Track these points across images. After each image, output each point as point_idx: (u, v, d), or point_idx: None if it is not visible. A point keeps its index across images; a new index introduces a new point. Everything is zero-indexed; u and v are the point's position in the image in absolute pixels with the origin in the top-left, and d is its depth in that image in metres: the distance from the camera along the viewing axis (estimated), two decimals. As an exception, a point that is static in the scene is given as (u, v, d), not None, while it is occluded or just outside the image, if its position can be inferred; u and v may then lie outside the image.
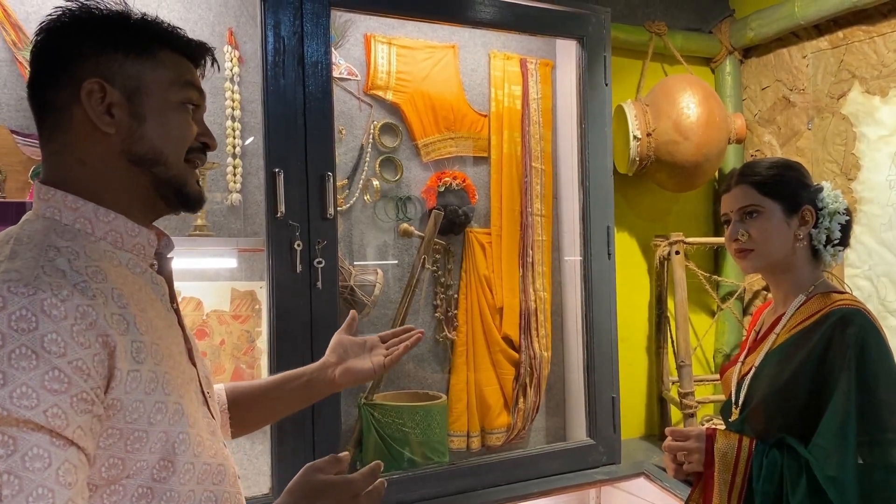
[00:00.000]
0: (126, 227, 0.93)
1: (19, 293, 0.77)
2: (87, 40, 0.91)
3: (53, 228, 0.88)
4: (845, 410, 1.30)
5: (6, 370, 0.73)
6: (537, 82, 2.52)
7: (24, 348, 0.74)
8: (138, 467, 0.86)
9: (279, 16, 1.87)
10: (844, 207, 1.48)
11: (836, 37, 2.54)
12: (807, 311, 1.42)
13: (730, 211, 1.51)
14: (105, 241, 0.92)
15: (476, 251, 2.43)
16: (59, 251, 0.85)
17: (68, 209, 0.90)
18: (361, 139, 2.31)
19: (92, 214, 0.91)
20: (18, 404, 0.73)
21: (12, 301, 0.76)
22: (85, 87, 0.89)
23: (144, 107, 0.93)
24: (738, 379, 1.51)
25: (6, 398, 0.72)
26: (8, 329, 0.74)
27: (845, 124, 2.51)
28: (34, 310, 0.76)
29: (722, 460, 1.40)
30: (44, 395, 0.74)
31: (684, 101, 2.51)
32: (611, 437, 2.35)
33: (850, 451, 1.28)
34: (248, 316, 2.11)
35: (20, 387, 0.73)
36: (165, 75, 0.95)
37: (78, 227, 0.90)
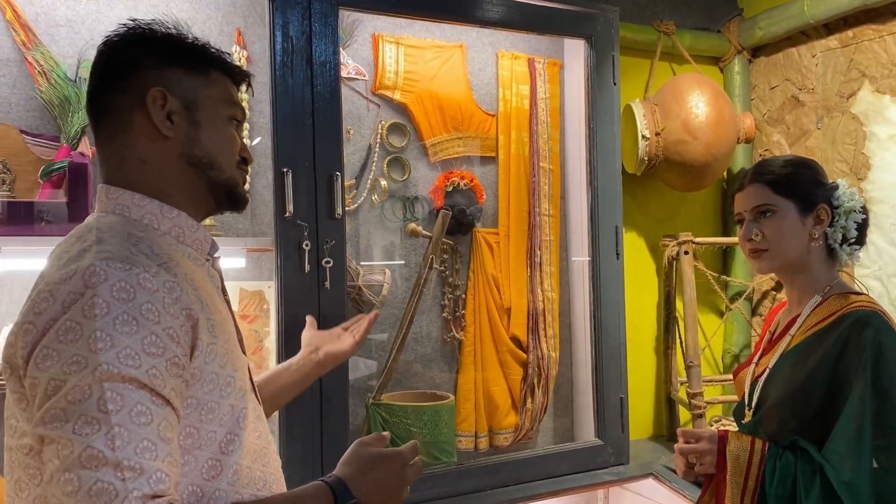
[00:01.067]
0: (188, 224, 1.03)
1: (117, 268, 0.86)
2: (152, 53, 1.02)
3: (126, 222, 0.97)
4: (861, 414, 1.28)
5: (112, 334, 0.82)
6: (545, 82, 2.51)
7: (127, 315, 0.83)
8: (209, 438, 0.93)
9: (287, 16, 1.87)
10: (861, 205, 1.45)
11: (846, 35, 2.52)
12: (823, 312, 1.41)
13: (743, 210, 1.49)
14: (169, 235, 1.01)
15: (484, 251, 2.43)
16: (139, 239, 0.94)
17: (136, 206, 0.99)
18: (369, 139, 2.30)
19: (157, 211, 1.00)
20: (125, 363, 0.81)
21: (112, 274, 0.85)
22: (150, 94, 0.99)
23: (199, 117, 1.03)
24: (751, 380, 1.49)
25: (114, 358, 0.81)
26: (111, 298, 0.83)
27: (855, 123, 2.50)
28: (132, 282, 0.85)
29: (734, 463, 1.38)
30: (144, 357, 0.83)
31: (693, 100, 2.50)
32: (619, 438, 2.34)
33: (866, 456, 1.26)
34: (257, 316, 2.10)
35: (125, 349, 0.82)
36: (217, 92, 1.05)
37: (146, 222, 0.99)
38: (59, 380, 0.80)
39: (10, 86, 1.83)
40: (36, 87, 1.82)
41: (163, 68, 1.01)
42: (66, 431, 0.78)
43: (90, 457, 0.77)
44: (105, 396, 0.79)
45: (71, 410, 0.79)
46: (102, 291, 0.83)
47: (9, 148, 1.76)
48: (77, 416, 0.79)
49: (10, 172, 1.75)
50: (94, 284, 0.83)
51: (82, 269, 0.85)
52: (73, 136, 1.80)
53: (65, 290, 0.84)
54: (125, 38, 1.02)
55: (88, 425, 0.78)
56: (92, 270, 0.84)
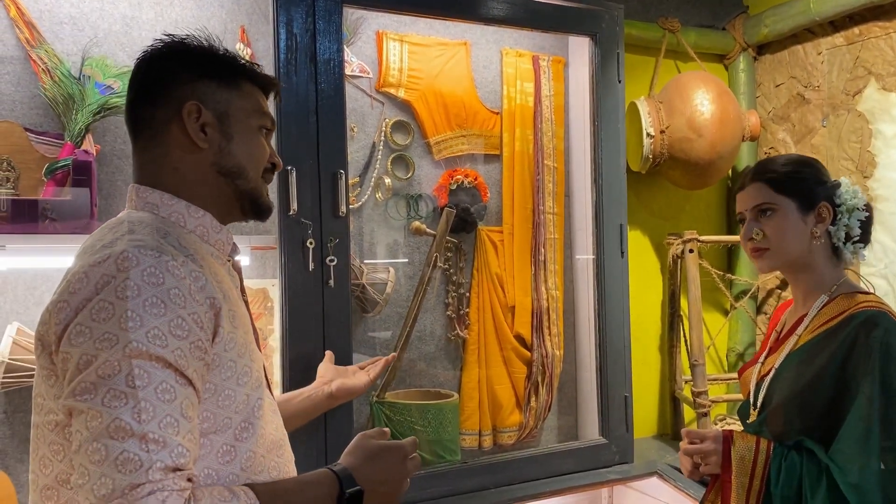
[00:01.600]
0: (212, 224, 1.09)
1: (148, 254, 0.92)
2: (186, 68, 1.08)
3: (156, 218, 1.04)
4: (868, 415, 1.27)
5: (142, 314, 0.87)
6: (550, 79, 2.51)
7: (155, 298, 0.89)
8: (224, 424, 0.97)
9: (291, 13, 1.87)
10: (864, 203, 1.45)
11: (852, 33, 2.51)
12: (830, 312, 1.40)
13: (744, 210, 1.49)
14: (195, 233, 1.07)
15: (488, 249, 2.42)
16: (167, 233, 1.00)
17: (164, 205, 1.06)
18: (373, 137, 2.30)
19: (184, 210, 1.07)
20: (153, 342, 0.87)
21: (143, 260, 0.91)
22: (186, 107, 1.06)
23: (232, 128, 1.09)
24: (757, 379, 1.48)
25: (143, 337, 0.87)
26: (142, 282, 0.89)
27: (861, 121, 2.49)
28: (161, 268, 0.91)
29: (739, 463, 1.37)
30: (171, 338, 0.89)
31: (698, 98, 2.49)
32: (623, 437, 2.34)
33: (873, 457, 1.26)
34: (261, 314, 2.10)
35: (153, 329, 0.87)
36: (248, 104, 1.11)
37: (173, 220, 1.05)
38: (91, 355, 0.86)
39: (13, 83, 1.83)
40: (40, 85, 1.82)
41: (197, 82, 1.07)
42: (95, 403, 0.84)
43: (118, 428, 0.82)
44: (133, 372, 0.84)
45: (101, 384, 0.84)
46: (134, 275, 0.89)
47: (13, 146, 1.75)
48: (106, 389, 0.84)
49: (15, 170, 1.75)
50: (126, 268, 0.89)
51: (116, 253, 0.91)
52: (77, 133, 1.80)
53: (98, 273, 0.90)
54: (162, 52, 1.09)
55: (117, 399, 0.83)
56: (125, 255, 0.90)
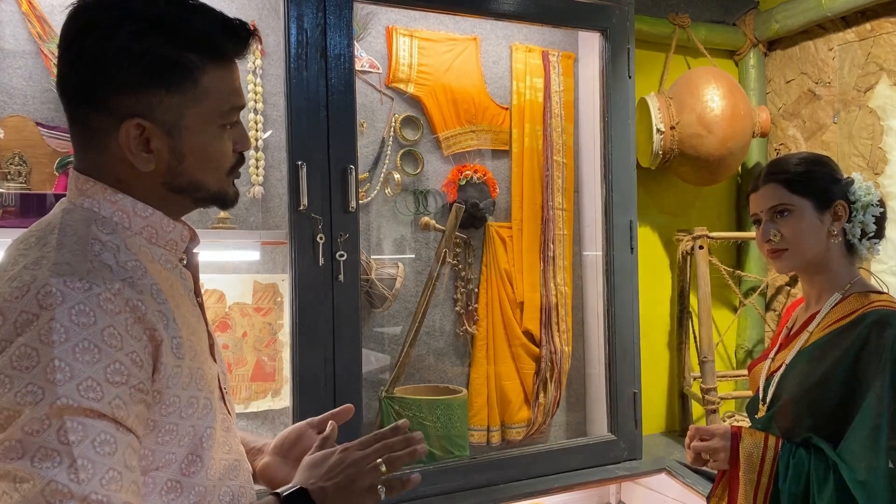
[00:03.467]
0: (162, 223, 0.94)
1: (75, 288, 0.78)
2: (128, 70, 0.86)
3: (94, 220, 0.89)
4: (878, 414, 1.27)
5: (71, 363, 0.76)
6: (559, 75, 2.50)
7: (87, 342, 0.77)
8: (167, 460, 0.87)
9: (302, 8, 1.87)
10: (878, 199, 1.44)
11: (864, 29, 2.49)
12: (842, 310, 1.39)
13: (759, 211, 1.48)
14: (140, 235, 0.92)
15: (497, 245, 2.42)
16: (103, 245, 0.86)
17: (107, 202, 0.90)
18: (383, 132, 2.30)
19: (130, 209, 0.91)
20: (86, 396, 0.76)
21: (70, 296, 0.78)
22: (124, 128, 0.87)
23: (184, 144, 0.91)
24: (766, 375, 1.48)
25: (74, 391, 0.75)
26: (69, 323, 0.77)
27: (872, 118, 2.47)
28: (91, 305, 0.78)
29: (748, 460, 1.37)
30: (107, 387, 0.77)
31: (708, 93, 2.48)
32: (632, 433, 2.34)
33: (882, 456, 1.25)
34: (271, 308, 2.11)
35: (86, 380, 0.76)
36: (208, 105, 0.91)
37: (116, 221, 0.90)
38: (13, 410, 0.74)
39: (25, 78, 1.84)
40: (51, 79, 1.82)
41: (140, 92, 0.87)
42: (24, 465, 0.72)
43: (54, 491, 0.71)
44: (66, 427, 0.73)
45: (28, 443, 0.72)
46: (60, 315, 0.76)
47: (24, 140, 1.76)
48: (36, 448, 0.72)
49: (26, 164, 1.76)
50: (50, 306, 0.76)
51: (37, 286, 0.78)
52: (89, 128, 1.80)
53: (17, 309, 0.77)
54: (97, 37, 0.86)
55: (49, 458, 0.72)
56: (47, 290, 0.77)
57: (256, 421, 2.12)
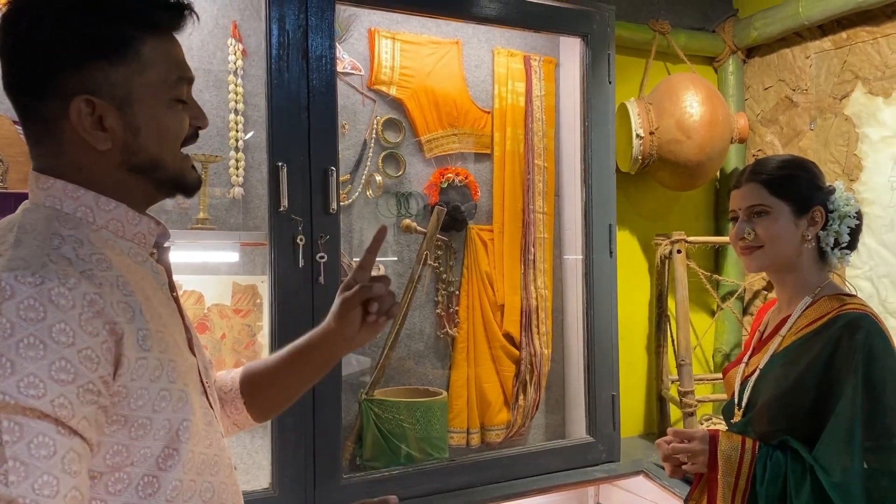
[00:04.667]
0: (127, 216, 0.93)
1: (26, 282, 0.76)
2: (66, 49, 0.86)
3: (56, 217, 0.87)
4: (852, 416, 1.29)
5: (14, 359, 0.73)
6: (541, 79, 2.52)
7: (32, 338, 0.74)
8: (142, 455, 0.86)
9: (284, 9, 1.87)
10: (856, 211, 1.46)
11: (840, 37, 2.54)
12: (814, 313, 1.42)
13: (738, 208, 1.49)
14: (106, 229, 0.91)
15: (478, 248, 2.43)
16: (63, 239, 0.84)
17: (69, 198, 0.89)
18: (364, 134, 2.30)
19: (93, 203, 0.90)
20: (25, 393, 0.73)
21: (20, 290, 0.76)
22: (73, 106, 0.86)
23: (137, 116, 0.90)
24: (741, 379, 1.50)
25: (13, 387, 0.72)
26: (16, 318, 0.74)
27: (848, 125, 2.51)
28: (42, 299, 0.76)
29: (726, 463, 1.39)
30: (51, 385, 0.74)
31: (687, 99, 2.51)
32: (610, 435, 2.36)
33: (857, 457, 1.27)
34: (250, 310, 2.10)
35: (27, 376, 0.73)
36: (154, 76, 0.91)
37: (79, 216, 0.89)
38: None
39: (3, 76, 1.82)
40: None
41: (83, 67, 0.86)
42: None
43: None
44: (1, 426, 0.71)
45: None
46: (7, 310, 0.74)
47: (1, 139, 1.74)
48: None
49: (3, 163, 1.74)
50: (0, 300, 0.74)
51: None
52: (67, 127, 1.79)
53: None
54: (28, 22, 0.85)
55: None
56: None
57: (235, 423, 2.11)
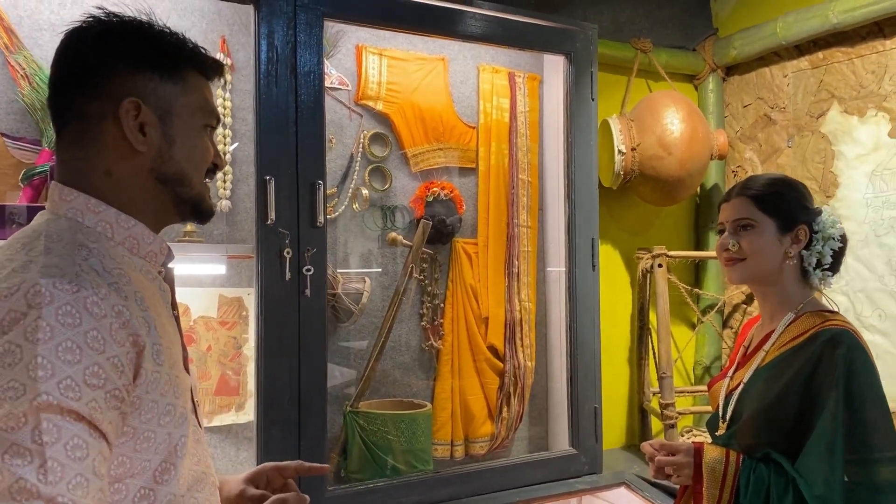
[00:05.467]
0: (143, 235, 0.97)
1: (64, 289, 0.80)
2: (126, 55, 0.94)
3: (79, 229, 0.91)
4: (833, 430, 1.32)
5: (54, 361, 0.77)
6: (525, 96, 2.56)
7: (70, 342, 0.78)
8: (142, 467, 0.88)
9: (273, 25, 1.89)
10: (840, 234, 1.49)
11: (816, 57, 2.60)
12: (796, 329, 1.45)
13: (725, 221, 1.53)
14: (123, 246, 0.95)
15: (463, 261, 2.46)
16: (90, 251, 0.88)
17: (90, 212, 0.93)
18: (351, 148, 2.32)
19: (113, 219, 0.94)
20: (65, 395, 0.77)
21: (59, 296, 0.80)
22: (123, 105, 0.92)
23: (174, 129, 0.97)
24: (726, 393, 1.52)
25: (54, 388, 0.76)
26: (56, 323, 0.78)
27: (824, 143, 2.57)
28: (78, 307, 0.80)
29: (710, 475, 1.41)
30: (85, 389, 0.79)
31: (668, 116, 2.55)
32: (593, 447, 2.38)
33: (838, 470, 1.30)
34: (236, 322, 2.11)
35: (65, 379, 0.77)
36: (194, 100, 0.99)
37: (99, 230, 0.93)
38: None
39: (-10, 88, 1.82)
40: (18, 91, 1.81)
41: (137, 74, 0.94)
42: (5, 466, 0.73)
43: (21, 489, 0.72)
44: (41, 427, 0.74)
45: (3, 438, 0.74)
46: (47, 314, 0.78)
47: (-11, 151, 1.75)
48: (9, 444, 0.73)
49: (-10, 175, 1.74)
50: (38, 305, 0.78)
51: (26, 286, 0.79)
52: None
53: (5, 308, 0.78)
54: (97, 33, 0.94)
55: (20, 456, 0.73)
56: (37, 290, 0.79)
57: (220, 435, 2.11)
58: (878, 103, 2.40)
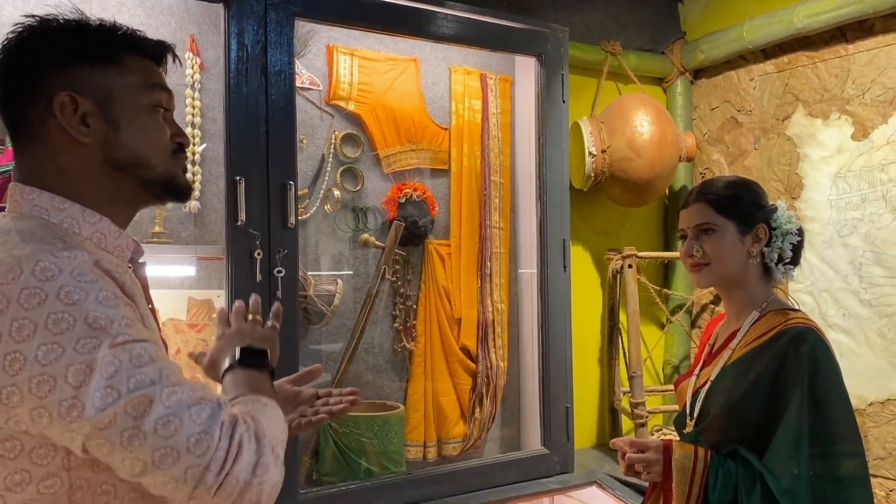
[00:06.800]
0: (110, 230, 0.97)
1: (63, 257, 0.83)
2: (53, 54, 0.94)
3: (45, 225, 0.91)
4: (798, 425, 1.35)
5: (104, 310, 0.82)
6: (497, 97, 2.57)
7: (102, 293, 0.83)
8: None
9: (243, 24, 1.87)
10: (797, 228, 1.53)
11: (782, 61, 2.65)
12: (761, 327, 1.48)
13: (687, 227, 1.56)
14: (90, 241, 0.95)
15: (435, 262, 2.46)
16: (64, 242, 0.88)
17: (55, 209, 0.93)
18: (323, 149, 2.31)
19: (79, 215, 0.94)
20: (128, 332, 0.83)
21: (65, 264, 0.83)
22: (57, 101, 0.92)
23: (117, 114, 0.95)
24: (693, 391, 1.55)
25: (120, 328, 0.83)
26: (78, 282, 0.82)
27: (789, 145, 2.62)
28: (85, 267, 0.84)
29: (680, 471, 1.43)
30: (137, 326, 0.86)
31: (638, 119, 2.58)
32: (564, 447, 2.40)
33: (803, 464, 1.33)
34: (205, 325, 2.08)
35: (122, 319, 0.84)
36: (133, 80, 0.97)
37: (66, 227, 0.93)
38: (82, 363, 0.79)
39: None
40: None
41: (67, 68, 0.93)
42: (126, 401, 0.79)
43: (147, 400, 0.80)
44: (136, 352, 0.82)
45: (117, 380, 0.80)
46: (65, 280, 0.81)
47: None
48: (126, 379, 0.80)
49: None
50: (52, 277, 0.81)
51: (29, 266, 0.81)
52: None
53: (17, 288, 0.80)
54: (22, 39, 0.94)
55: (140, 384, 0.81)
56: (42, 267, 0.81)
57: (189, 439, 2.08)
58: (842, 107, 2.45)
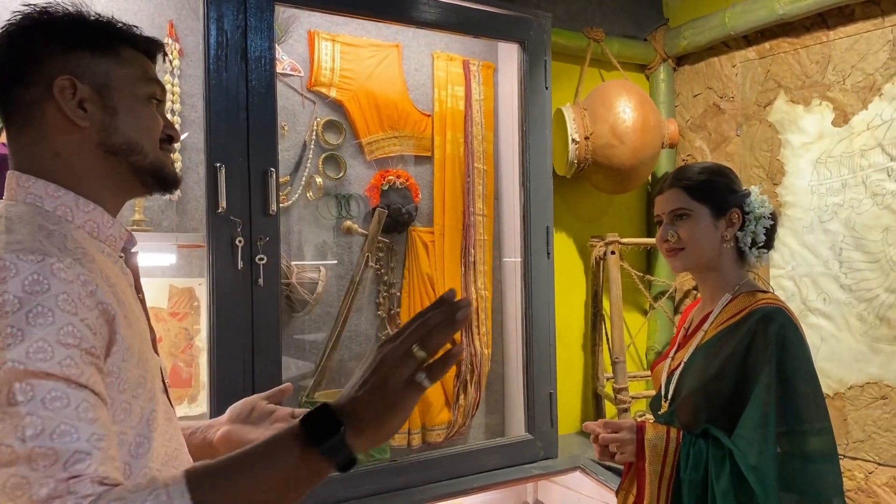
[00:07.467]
0: (103, 219, 0.99)
1: (28, 260, 0.82)
2: (54, 40, 0.96)
3: (39, 213, 0.93)
4: (766, 403, 1.38)
5: (23, 328, 0.78)
6: (480, 84, 2.56)
7: (40, 307, 0.79)
8: (120, 440, 0.89)
9: (222, 9, 1.85)
10: (770, 212, 1.56)
11: (764, 48, 2.66)
12: (733, 308, 1.50)
13: (662, 213, 1.59)
14: (83, 229, 0.96)
15: (419, 250, 2.45)
16: (50, 232, 0.89)
17: (50, 197, 0.95)
18: (304, 136, 2.29)
19: (73, 203, 0.96)
20: (34, 358, 0.77)
21: (24, 268, 0.81)
22: (57, 84, 0.94)
23: (114, 101, 0.98)
24: (667, 373, 1.58)
25: (23, 354, 0.77)
26: (23, 293, 0.79)
27: (771, 131, 2.64)
28: (45, 273, 0.81)
29: (652, 451, 1.46)
30: (58, 348, 0.79)
31: (620, 105, 2.59)
32: (548, 432, 2.41)
33: (771, 441, 1.36)
34: (187, 313, 2.07)
35: (36, 342, 0.78)
36: (130, 72, 1.01)
37: (59, 214, 0.94)
38: None
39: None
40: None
41: (68, 54, 0.96)
42: None
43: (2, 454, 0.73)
44: (13, 389, 0.75)
45: None
46: (13, 286, 0.79)
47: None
48: None
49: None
50: (3, 280, 0.79)
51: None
52: None
53: None
54: (23, 25, 0.97)
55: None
56: (1, 265, 0.80)
57: (172, 428, 2.08)
58: (822, 93, 2.46)
